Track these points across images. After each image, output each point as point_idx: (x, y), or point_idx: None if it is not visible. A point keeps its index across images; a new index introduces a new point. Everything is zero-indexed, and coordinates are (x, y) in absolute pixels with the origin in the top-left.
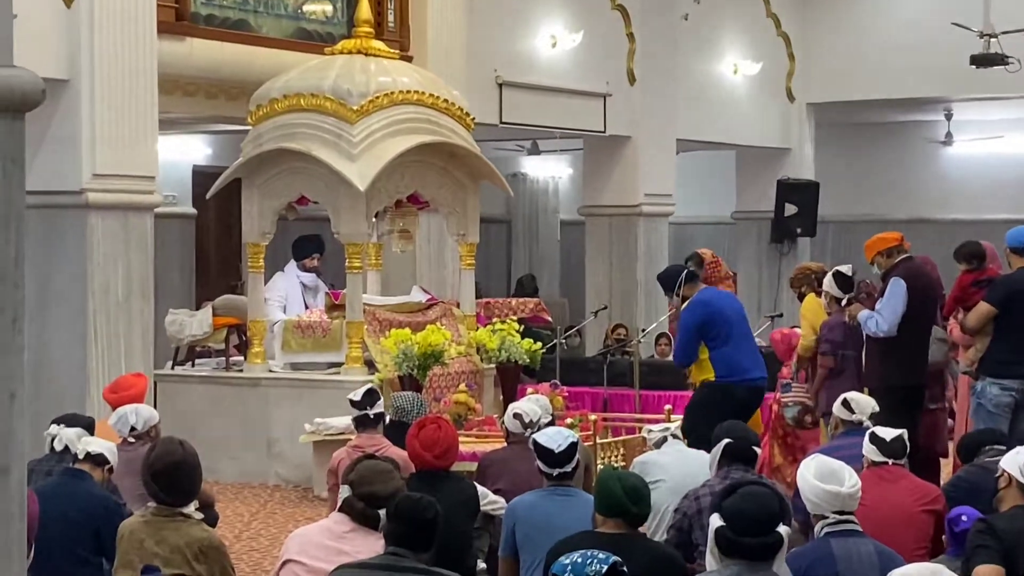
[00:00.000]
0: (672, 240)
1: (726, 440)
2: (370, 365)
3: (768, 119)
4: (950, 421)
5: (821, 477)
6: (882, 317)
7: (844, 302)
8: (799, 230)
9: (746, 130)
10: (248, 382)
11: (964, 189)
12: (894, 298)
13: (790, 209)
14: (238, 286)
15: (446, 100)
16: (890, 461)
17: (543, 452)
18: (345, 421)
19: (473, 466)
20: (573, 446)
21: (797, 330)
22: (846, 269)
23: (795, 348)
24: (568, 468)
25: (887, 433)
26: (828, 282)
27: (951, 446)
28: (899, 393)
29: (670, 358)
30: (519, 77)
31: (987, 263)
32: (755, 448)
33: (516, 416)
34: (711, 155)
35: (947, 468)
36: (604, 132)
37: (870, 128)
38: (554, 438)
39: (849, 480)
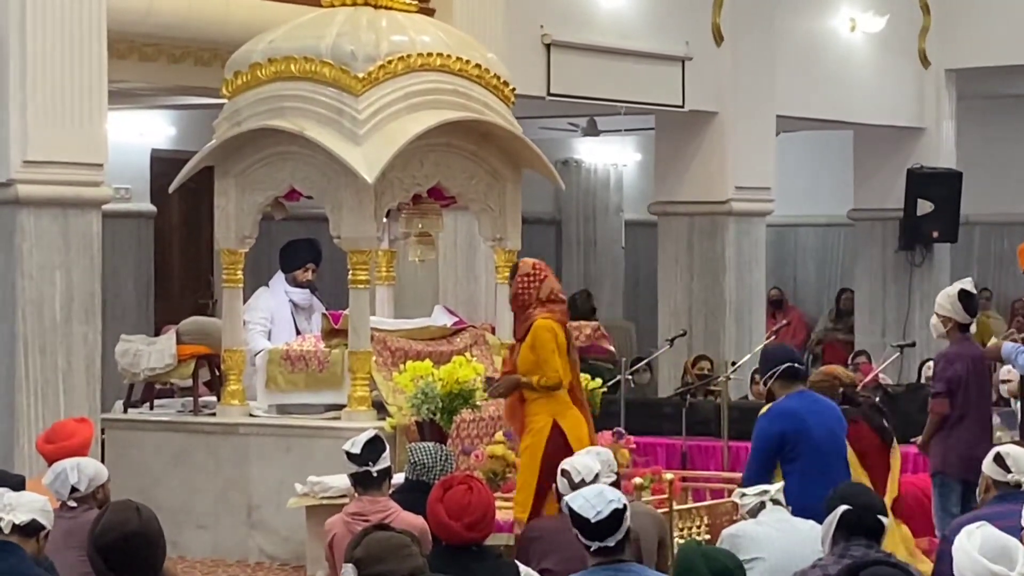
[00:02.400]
0: (771, 246)
1: (843, 507)
2: (380, 408)
3: (896, 90)
4: None
5: (989, 554)
6: None
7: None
8: (936, 233)
9: (866, 104)
10: (222, 429)
11: None
12: None
13: (924, 206)
14: (209, 305)
15: (478, 65)
16: None
17: (577, 520)
18: (347, 481)
19: (511, 539)
20: (619, 513)
21: None
22: (969, 285)
23: None
24: (611, 542)
25: None
26: (948, 303)
27: None
28: None
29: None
30: (572, 36)
31: None
32: (881, 518)
33: (564, 474)
34: (822, 137)
35: None
36: (682, 107)
37: None
38: (592, 502)
39: (1022, 563)
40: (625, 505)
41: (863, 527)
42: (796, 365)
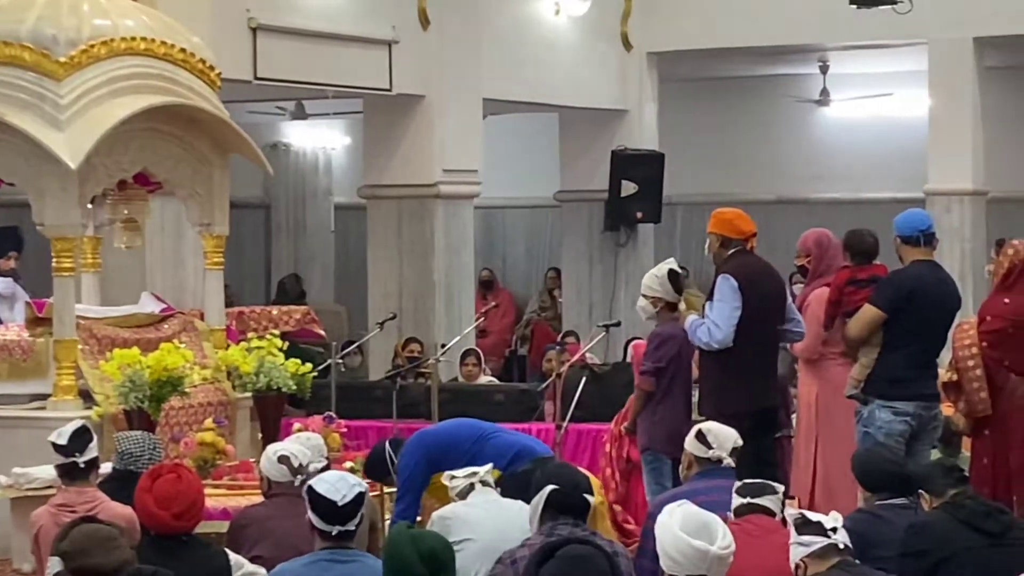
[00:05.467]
0: (480, 229)
1: (550, 487)
2: (86, 396)
3: (599, 73)
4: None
5: (689, 530)
6: (715, 324)
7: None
8: (640, 214)
9: (571, 87)
10: None
11: (843, 161)
12: (726, 299)
13: (628, 188)
14: None
15: (183, 50)
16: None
17: (322, 504)
18: (53, 472)
19: (224, 526)
20: (361, 497)
21: None
22: (675, 265)
23: None
24: (351, 526)
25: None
26: (657, 283)
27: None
28: (746, 421)
29: (480, 380)
30: (279, 20)
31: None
32: (587, 496)
33: (282, 460)
34: (528, 119)
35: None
36: (390, 90)
37: (728, 84)
38: (337, 486)
39: (722, 538)
40: (366, 489)
41: (569, 506)
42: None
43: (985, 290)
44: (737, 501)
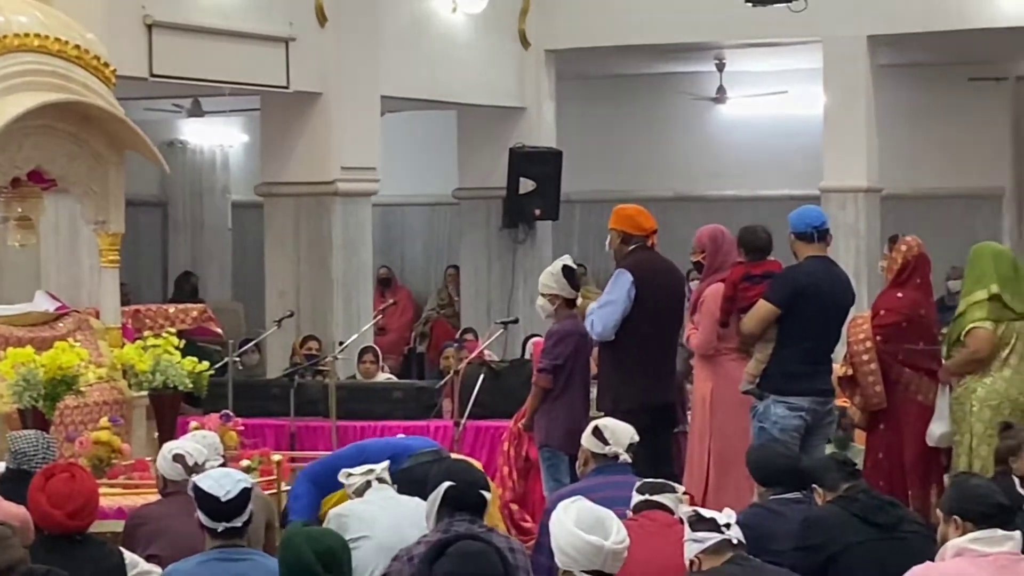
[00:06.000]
0: (379, 226)
1: (447, 484)
2: None
3: (497, 71)
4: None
5: (584, 525)
6: (597, 315)
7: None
8: (538, 211)
9: (469, 85)
10: None
11: (740, 158)
12: (615, 294)
13: (526, 185)
14: None
15: (78, 46)
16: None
17: (207, 500)
18: None
19: (119, 525)
20: (246, 492)
21: None
22: (569, 261)
23: None
24: (238, 522)
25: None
26: (553, 280)
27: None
28: (644, 417)
29: (379, 378)
30: (174, 16)
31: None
32: (484, 492)
33: (177, 458)
34: (426, 117)
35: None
36: (287, 88)
37: (625, 82)
38: (221, 482)
39: (616, 534)
40: (252, 485)
41: (466, 503)
42: None
43: (879, 286)
44: (637, 498)
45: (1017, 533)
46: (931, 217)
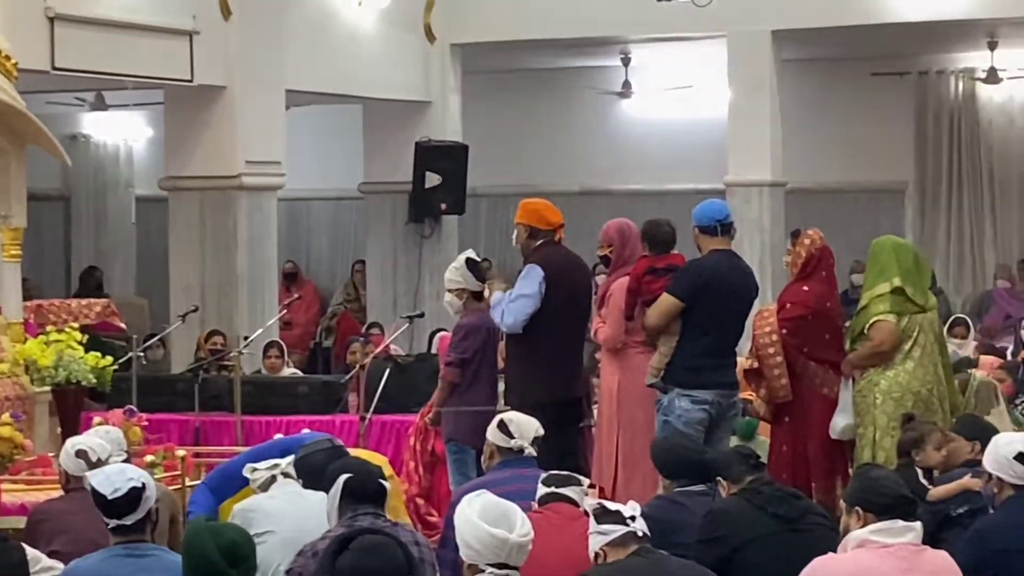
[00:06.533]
0: (285, 221)
1: (345, 476)
2: None
3: (402, 65)
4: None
5: (488, 518)
6: (509, 308)
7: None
8: (444, 206)
9: (374, 79)
10: None
11: (646, 152)
12: (527, 288)
13: (432, 179)
14: None
15: None
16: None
17: (97, 497)
18: None
19: (22, 522)
20: (137, 492)
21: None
22: (472, 254)
23: None
24: (129, 520)
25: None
26: (459, 275)
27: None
28: (551, 411)
29: (284, 373)
30: (77, 9)
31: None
32: (382, 481)
33: (80, 454)
34: (331, 111)
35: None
36: (191, 81)
37: (531, 76)
38: (112, 479)
39: (521, 526)
40: (144, 484)
41: (366, 492)
42: None
43: (783, 280)
44: (542, 490)
45: (918, 524)
46: (835, 211)
